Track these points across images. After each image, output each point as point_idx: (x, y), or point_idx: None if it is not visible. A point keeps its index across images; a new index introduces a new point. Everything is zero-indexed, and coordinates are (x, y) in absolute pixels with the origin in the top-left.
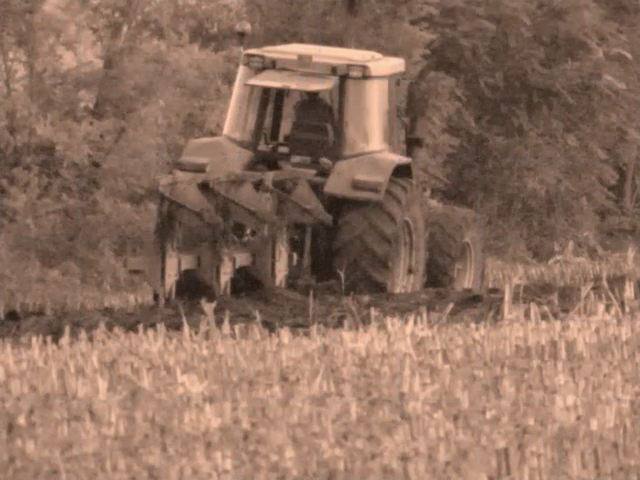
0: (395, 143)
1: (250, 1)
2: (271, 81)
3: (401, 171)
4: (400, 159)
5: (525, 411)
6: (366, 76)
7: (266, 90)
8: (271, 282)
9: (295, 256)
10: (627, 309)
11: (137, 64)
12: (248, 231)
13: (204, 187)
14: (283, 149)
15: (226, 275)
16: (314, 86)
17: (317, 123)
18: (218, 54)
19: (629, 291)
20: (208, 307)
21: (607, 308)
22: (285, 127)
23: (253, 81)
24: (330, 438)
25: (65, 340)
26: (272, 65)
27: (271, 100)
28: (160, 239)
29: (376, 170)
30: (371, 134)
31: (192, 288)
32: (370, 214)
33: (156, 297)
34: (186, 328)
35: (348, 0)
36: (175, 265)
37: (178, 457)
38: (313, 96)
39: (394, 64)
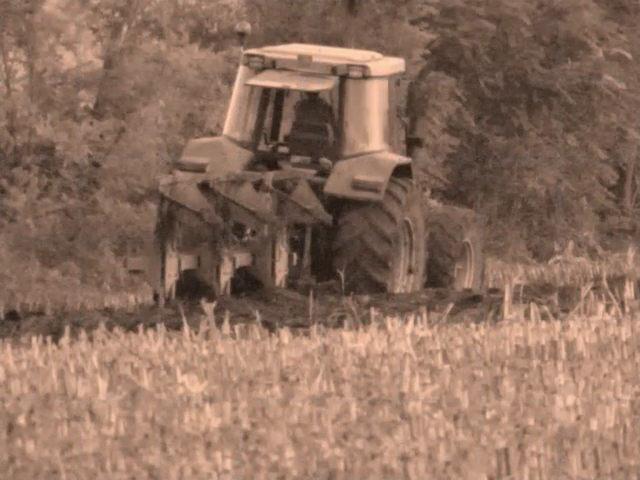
0: (395, 143)
1: (250, 1)
2: (271, 81)
3: (401, 171)
4: (400, 159)
5: (525, 411)
6: (366, 76)
7: (266, 90)
8: (271, 282)
9: (295, 256)
10: (627, 309)
11: (137, 64)
12: (248, 231)
13: (204, 187)
14: (283, 149)
15: (226, 275)
16: (314, 86)
17: (317, 123)
18: (218, 54)
19: (629, 291)
20: (208, 307)
21: (607, 308)
22: (285, 127)
23: (253, 81)
24: (330, 438)
25: (65, 340)
26: (272, 65)
27: (271, 100)
28: (160, 239)
29: (376, 170)
30: (371, 134)
31: (192, 288)
32: (370, 214)
33: (156, 297)
34: (186, 328)
35: (348, 0)
36: (175, 265)
37: (178, 457)
38: (313, 96)
39: (394, 64)
